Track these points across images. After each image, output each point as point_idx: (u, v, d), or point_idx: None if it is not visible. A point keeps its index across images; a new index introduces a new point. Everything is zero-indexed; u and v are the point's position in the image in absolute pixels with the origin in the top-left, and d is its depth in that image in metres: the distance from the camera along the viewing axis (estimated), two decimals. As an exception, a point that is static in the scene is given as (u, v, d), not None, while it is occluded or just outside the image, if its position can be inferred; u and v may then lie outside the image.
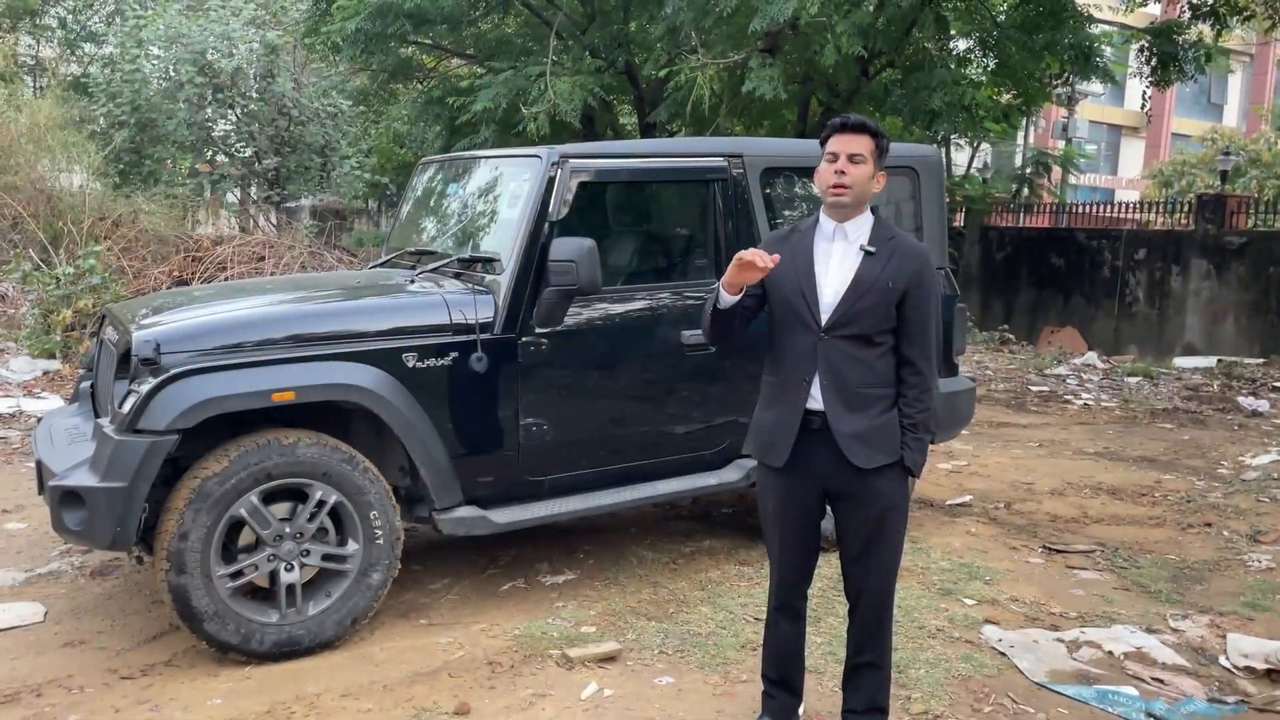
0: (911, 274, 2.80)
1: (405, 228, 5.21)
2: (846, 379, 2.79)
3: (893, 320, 2.81)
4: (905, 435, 2.84)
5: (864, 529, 2.88)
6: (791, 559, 3.01)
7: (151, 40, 15.43)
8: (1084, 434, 8.34)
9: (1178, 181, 28.25)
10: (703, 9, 9.03)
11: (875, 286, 2.77)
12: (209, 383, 3.51)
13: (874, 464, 2.81)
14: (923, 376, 2.84)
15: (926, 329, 2.84)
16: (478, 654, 3.77)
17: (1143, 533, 5.56)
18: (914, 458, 2.85)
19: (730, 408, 4.59)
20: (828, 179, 2.79)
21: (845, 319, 2.78)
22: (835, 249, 2.84)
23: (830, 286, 2.81)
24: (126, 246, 11.01)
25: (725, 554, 4.92)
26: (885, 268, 2.78)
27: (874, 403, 2.81)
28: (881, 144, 2.81)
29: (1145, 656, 3.91)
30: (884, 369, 2.83)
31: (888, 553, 2.92)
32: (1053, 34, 9.51)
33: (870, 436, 2.80)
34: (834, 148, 2.79)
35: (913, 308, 2.81)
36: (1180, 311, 13.57)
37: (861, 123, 2.78)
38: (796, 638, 3.11)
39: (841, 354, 2.79)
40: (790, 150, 5.03)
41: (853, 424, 2.79)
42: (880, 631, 2.99)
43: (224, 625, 3.57)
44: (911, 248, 2.86)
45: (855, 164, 2.76)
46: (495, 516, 4.06)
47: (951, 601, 4.37)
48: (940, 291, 2.92)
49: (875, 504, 2.85)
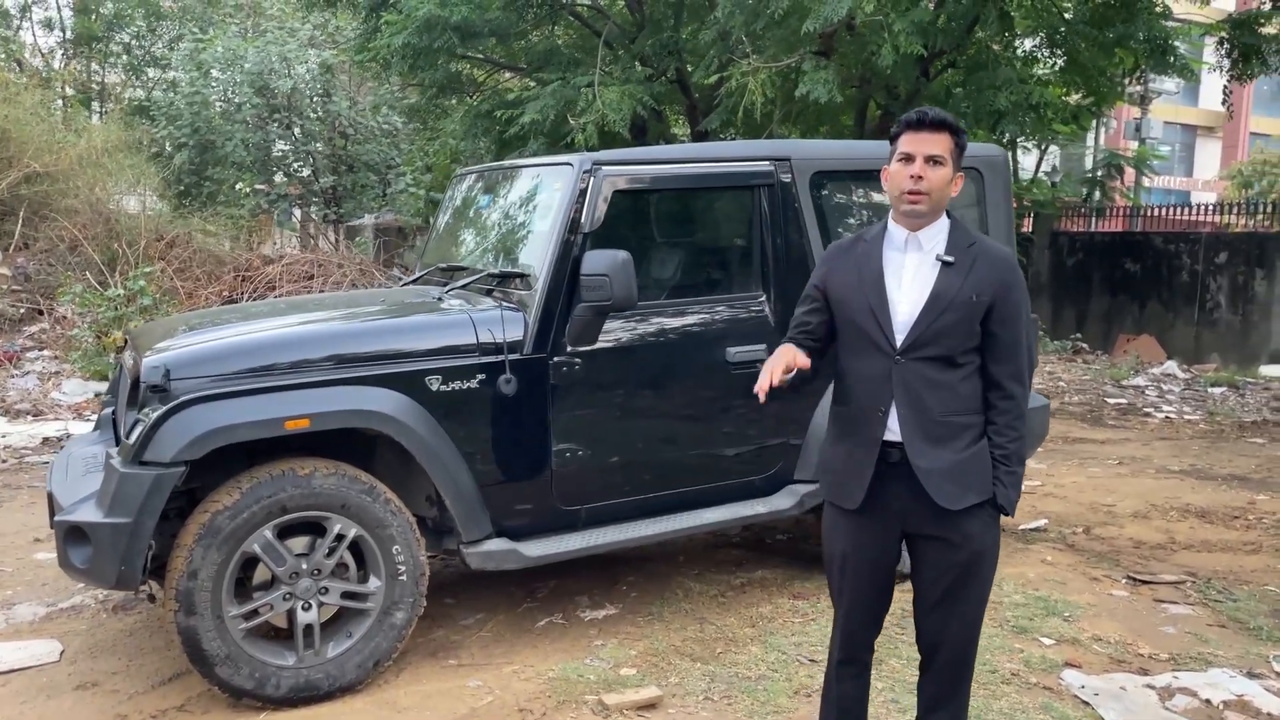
0: (998, 284, 2.45)
1: (441, 242, 4.98)
2: (927, 407, 2.45)
3: (977, 338, 2.47)
4: (997, 469, 2.47)
5: (948, 575, 2.52)
6: (862, 610, 2.66)
7: (211, 63, 15.61)
8: (1167, 450, 7.82)
9: (1258, 181, 27.13)
10: (754, 12, 8.72)
11: (956, 301, 2.43)
12: (218, 410, 3.29)
13: (963, 504, 2.45)
14: (1015, 401, 2.49)
15: (1017, 346, 2.48)
16: (508, 700, 3.50)
17: (1237, 560, 5.10)
18: (1008, 494, 2.49)
19: (781, 429, 4.27)
20: (901, 184, 2.45)
21: (924, 339, 2.44)
22: (908, 260, 2.50)
23: (905, 303, 2.47)
24: (181, 267, 11.05)
25: (778, 586, 4.59)
26: (967, 279, 2.44)
27: (960, 433, 2.46)
28: (961, 141, 2.48)
29: (1248, 705, 3.50)
30: (969, 393, 2.48)
31: (974, 603, 2.55)
32: (1126, 27, 9.00)
33: (958, 472, 2.45)
34: (908, 148, 2.44)
35: (1000, 323, 2.46)
36: (1266, 317, 12.87)
37: (941, 119, 2.44)
38: (861, 696, 2.76)
39: (921, 378, 2.45)
40: (843, 152, 4.69)
41: (937, 458, 2.44)
42: (960, 687, 2.64)
43: (237, 669, 3.34)
44: (997, 254, 2.50)
45: (933, 167, 2.42)
46: (527, 550, 3.78)
47: (1027, 641, 3.98)
48: (1029, 303, 2.55)
49: (964, 548, 2.49)
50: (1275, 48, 9.49)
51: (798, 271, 4.21)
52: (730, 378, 4.15)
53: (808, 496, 4.29)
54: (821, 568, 4.70)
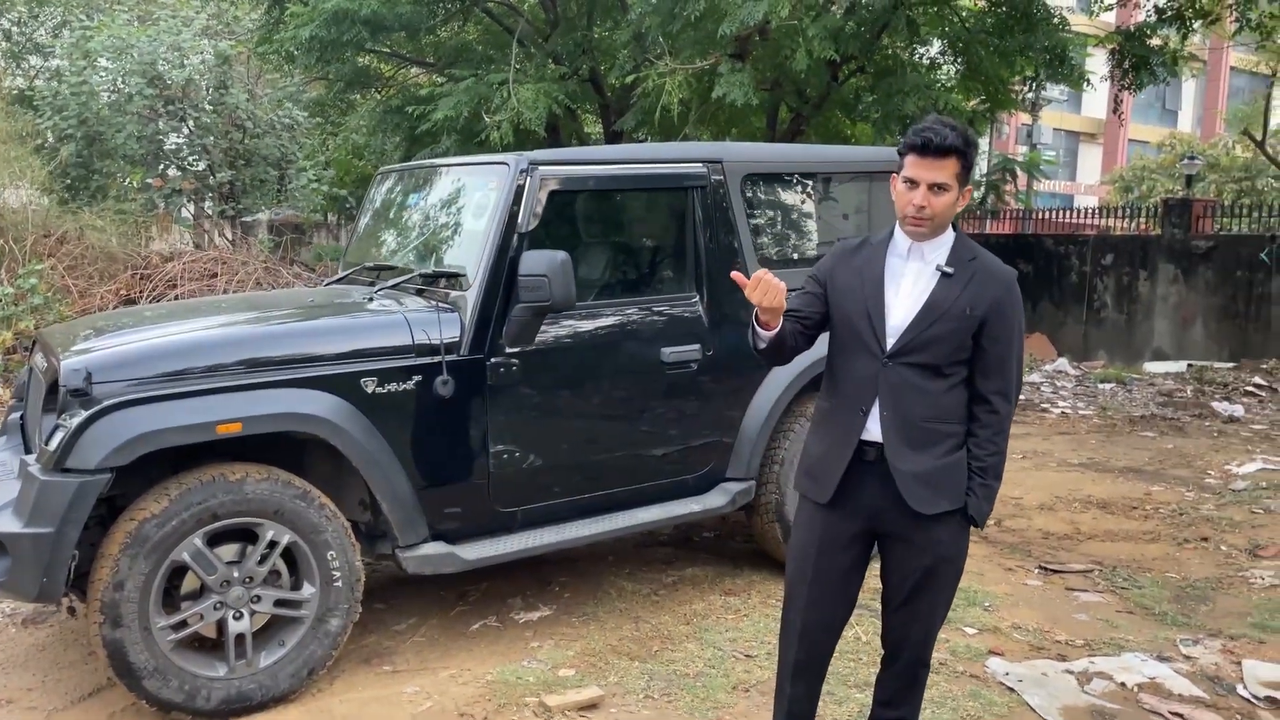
0: (993, 300, 2.50)
1: (363, 241, 4.89)
2: (909, 411, 2.50)
3: (967, 350, 2.52)
4: (972, 480, 2.53)
5: (912, 577, 2.58)
6: (822, 609, 2.67)
7: (99, 52, 14.95)
8: (1066, 444, 8.16)
9: (1138, 187, 28.46)
10: (669, 14, 8.78)
11: (950, 312, 2.48)
12: (145, 415, 3.17)
13: (935, 509, 2.51)
14: (999, 416, 2.55)
15: (1006, 363, 2.53)
16: (447, 704, 3.46)
17: (1138, 549, 5.36)
18: (979, 506, 2.54)
19: (714, 428, 4.32)
20: (905, 208, 2.48)
21: (913, 345, 2.50)
22: (909, 268, 2.55)
23: (900, 308, 2.52)
24: (72, 264, 10.56)
25: (710, 583, 4.64)
26: (964, 292, 2.49)
27: (940, 440, 2.51)
28: (968, 159, 2.46)
29: (1160, 688, 3.68)
30: (952, 403, 2.53)
31: (936, 607, 2.62)
32: (1026, 37, 9.36)
33: (933, 478, 2.50)
34: (912, 173, 2.45)
35: (991, 338, 2.51)
36: (1149, 316, 13.53)
37: (947, 145, 2.40)
38: (811, 702, 2.79)
39: (906, 383, 2.50)
40: (772, 155, 4.76)
41: (914, 462, 2.49)
42: (915, 687, 2.73)
43: (166, 681, 3.23)
44: (996, 271, 2.55)
45: (938, 194, 2.45)
46: (464, 552, 3.74)
47: (952, 631, 4.11)
48: (1023, 322, 2.61)
49: (930, 552, 2.55)
50: (1162, 59, 9.97)
51: (729, 271, 4.25)
52: (664, 378, 4.18)
53: (740, 495, 4.35)
54: (751, 564, 4.81)
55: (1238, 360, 12.38)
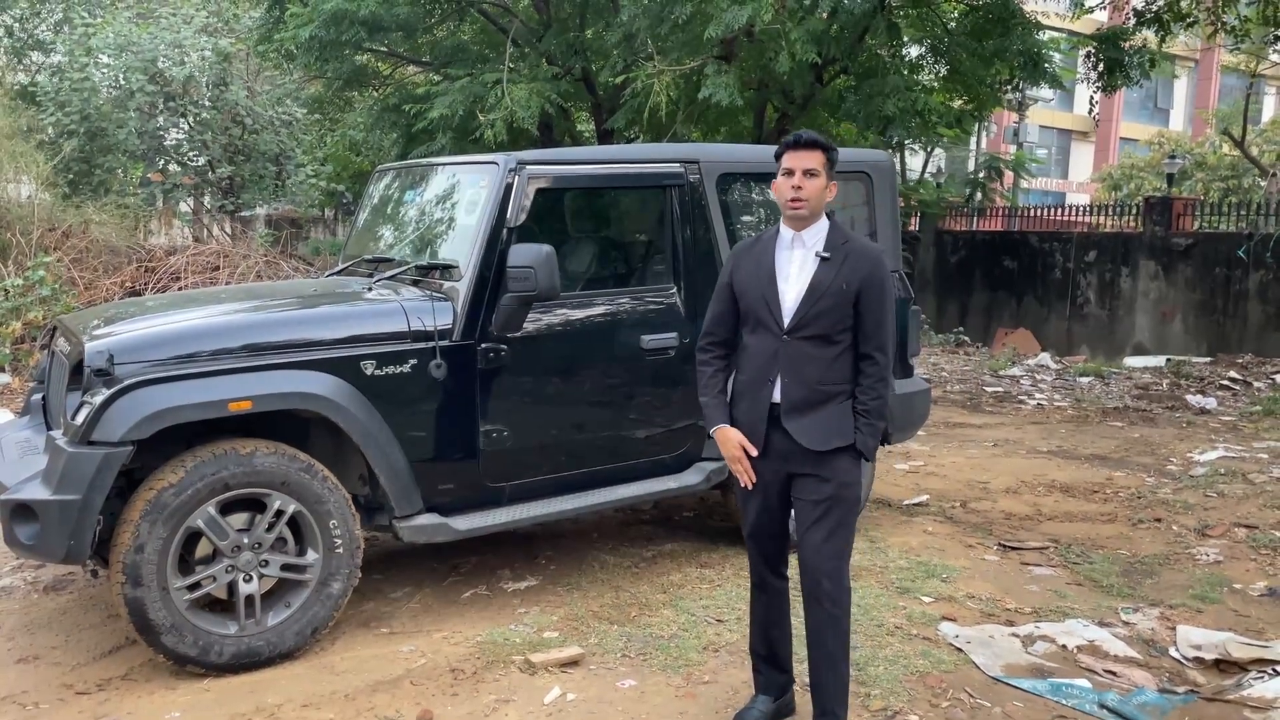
0: (864, 275, 2.98)
1: (362, 236, 5.19)
2: (807, 376, 2.99)
3: (850, 320, 2.99)
4: (858, 421, 3.01)
5: (820, 505, 3.02)
6: (764, 531, 3.18)
7: (101, 48, 15.21)
8: (1037, 433, 8.48)
9: (1126, 185, 28.77)
10: (658, 16, 9.08)
11: (830, 289, 2.97)
12: (164, 393, 3.48)
13: (827, 446, 2.99)
14: (879, 366, 3.02)
15: (881, 324, 3.01)
16: (440, 661, 3.77)
17: (1095, 529, 5.67)
18: (865, 440, 3.02)
19: (690, 411, 4.60)
20: (785, 193, 3.00)
21: (805, 321, 2.98)
22: (795, 256, 3.04)
23: (791, 292, 3.01)
24: (77, 257, 10.84)
25: (686, 557, 4.95)
26: (840, 271, 2.98)
27: (832, 397, 3.01)
28: (832, 156, 3.03)
29: (1098, 649, 3.99)
30: (842, 366, 3.02)
31: (840, 528, 3.03)
32: (1002, 41, 9.67)
33: (821, 423, 3.00)
34: (789, 164, 3.00)
35: (866, 306, 2.99)
36: (1130, 312, 13.85)
37: (812, 139, 3.00)
38: (778, 608, 3.26)
39: (802, 354, 2.99)
40: (746, 156, 5.07)
41: (809, 415, 3.00)
42: (835, 626, 3.05)
43: (182, 638, 3.53)
44: (864, 249, 3.04)
45: (809, 178, 2.97)
46: (456, 523, 4.05)
47: (909, 599, 4.43)
48: (894, 288, 3.14)
49: (831, 480, 3.01)
50: (1136, 62, 10.27)
51: (705, 265, 4.58)
52: (643, 364, 4.49)
53: (714, 473, 4.65)
54: (727, 540, 5.15)
55: (1215, 355, 12.70)
